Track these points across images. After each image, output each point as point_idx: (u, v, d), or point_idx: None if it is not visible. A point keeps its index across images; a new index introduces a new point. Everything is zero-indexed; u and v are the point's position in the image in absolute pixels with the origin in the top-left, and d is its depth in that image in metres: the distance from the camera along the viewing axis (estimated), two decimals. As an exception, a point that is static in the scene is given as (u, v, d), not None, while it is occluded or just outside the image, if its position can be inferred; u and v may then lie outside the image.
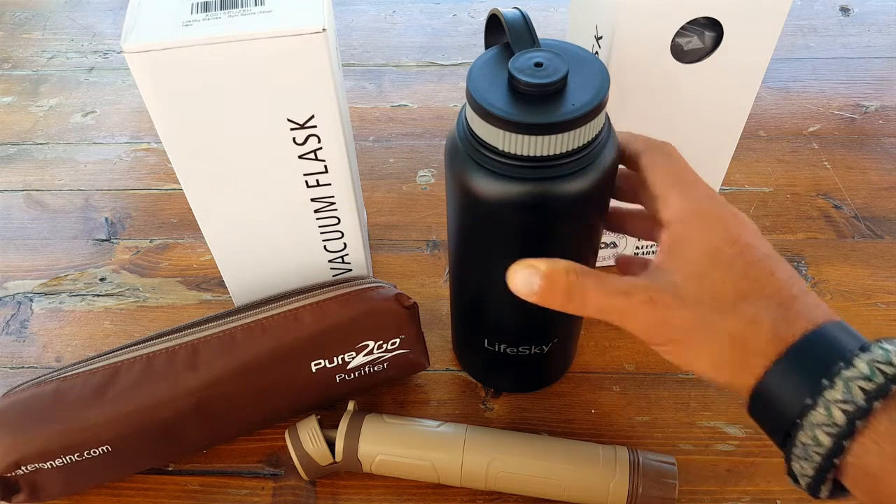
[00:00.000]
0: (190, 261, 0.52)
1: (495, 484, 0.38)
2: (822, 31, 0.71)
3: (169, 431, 0.38)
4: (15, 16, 0.77)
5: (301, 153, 0.36)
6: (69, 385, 0.37)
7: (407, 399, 0.44)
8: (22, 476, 0.36)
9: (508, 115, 0.29)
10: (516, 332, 0.39)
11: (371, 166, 0.59)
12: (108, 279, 0.51)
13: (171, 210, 0.56)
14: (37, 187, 0.58)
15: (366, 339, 0.39)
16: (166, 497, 0.40)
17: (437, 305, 0.49)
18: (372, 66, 0.69)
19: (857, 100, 0.63)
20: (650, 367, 0.45)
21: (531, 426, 0.42)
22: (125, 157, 0.60)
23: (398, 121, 0.63)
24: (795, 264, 0.50)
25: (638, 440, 0.42)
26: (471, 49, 0.70)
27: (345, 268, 0.44)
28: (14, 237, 0.54)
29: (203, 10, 0.32)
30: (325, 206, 0.40)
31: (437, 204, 0.56)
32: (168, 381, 0.37)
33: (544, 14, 0.73)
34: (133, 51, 0.31)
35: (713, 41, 0.37)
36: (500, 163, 0.30)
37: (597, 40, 0.38)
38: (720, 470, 0.40)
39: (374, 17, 0.75)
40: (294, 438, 0.38)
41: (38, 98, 0.66)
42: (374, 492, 0.40)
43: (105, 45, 0.73)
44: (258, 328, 0.38)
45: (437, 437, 0.38)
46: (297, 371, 0.39)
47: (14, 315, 0.49)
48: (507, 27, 0.31)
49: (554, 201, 0.31)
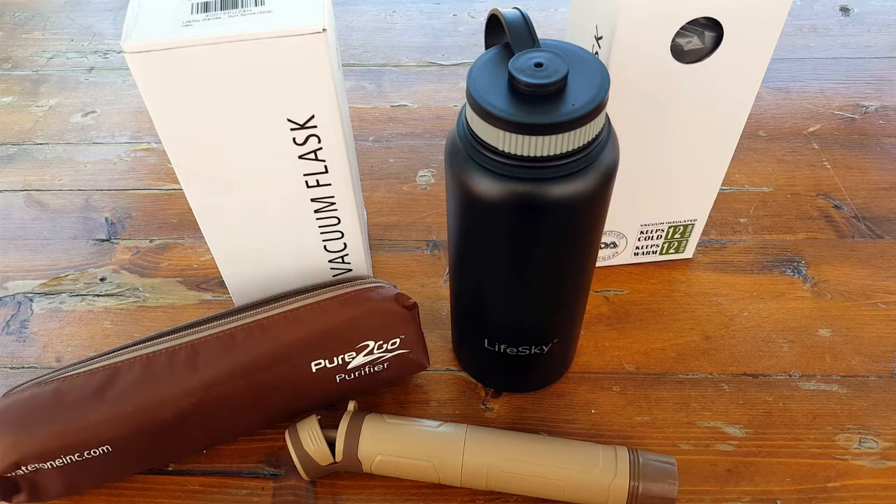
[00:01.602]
0: (190, 261, 0.52)
1: (495, 484, 0.38)
2: (822, 31, 0.71)
3: (169, 431, 0.38)
4: (15, 16, 0.77)
5: (301, 153, 0.36)
6: (69, 385, 0.37)
7: (407, 399, 0.44)
8: (22, 476, 0.36)
9: (508, 115, 0.29)
10: (516, 331, 0.39)
11: (371, 166, 0.59)
12: (108, 279, 0.51)
13: (171, 210, 0.56)
14: (37, 187, 0.58)
15: (366, 339, 0.39)
16: (166, 497, 0.40)
17: (437, 305, 0.49)
18: (372, 66, 0.69)
19: (857, 100, 0.64)
20: (650, 367, 0.45)
21: (531, 426, 0.42)
22: (125, 157, 0.60)
23: (398, 121, 0.63)
24: (795, 264, 0.50)
25: (638, 440, 0.42)
26: (471, 49, 0.70)
27: (345, 268, 0.44)
28: (14, 237, 0.54)
29: (203, 10, 0.32)
30: (325, 206, 0.40)
31: (437, 204, 0.56)
32: (168, 382, 0.37)
33: (544, 14, 0.73)
34: (133, 51, 0.31)
35: (713, 41, 0.37)
36: (500, 163, 0.30)
37: (597, 40, 0.38)
38: (720, 470, 0.40)
39: (374, 17, 0.75)
40: (294, 438, 0.38)
41: (38, 98, 0.66)
42: (374, 492, 0.40)
43: (105, 45, 0.73)
44: (258, 328, 0.38)
45: (437, 437, 0.38)
46: (297, 371, 0.39)
47: (14, 315, 0.49)
48: (507, 27, 0.31)
49: (554, 201, 0.31)
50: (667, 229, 0.48)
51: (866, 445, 0.41)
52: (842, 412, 0.42)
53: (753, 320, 0.47)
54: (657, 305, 0.48)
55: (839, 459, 0.41)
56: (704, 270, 0.50)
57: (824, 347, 0.46)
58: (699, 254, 0.51)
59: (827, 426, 0.42)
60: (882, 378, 0.44)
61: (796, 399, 0.43)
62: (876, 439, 0.41)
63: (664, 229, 0.48)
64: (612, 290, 0.49)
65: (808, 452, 0.41)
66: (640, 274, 0.50)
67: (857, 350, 0.45)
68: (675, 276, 0.50)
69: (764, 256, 0.51)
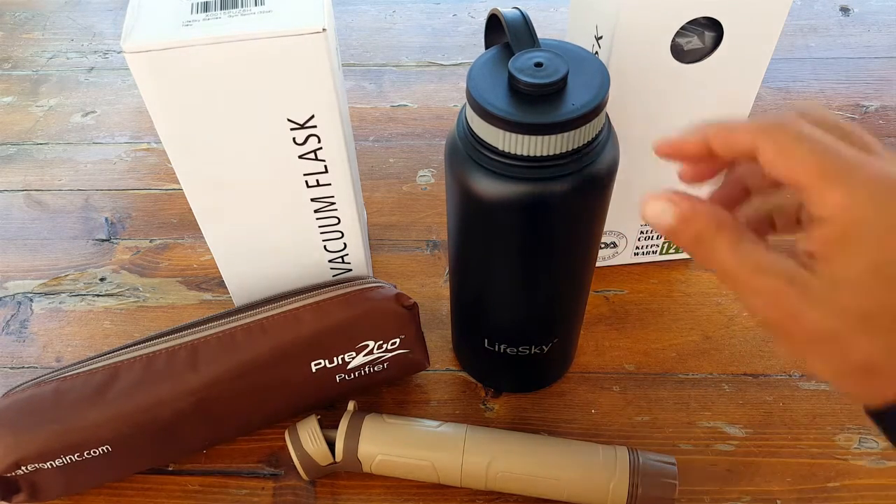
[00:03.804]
0: (190, 261, 0.52)
1: (495, 484, 0.38)
2: (822, 31, 0.71)
3: (169, 431, 0.38)
4: (15, 16, 0.77)
5: (301, 153, 0.36)
6: (69, 385, 0.37)
7: (407, 399, 0.44)
8: (22, 476, 0.36)
9: (508, 115, 0.29)
10: (516, 331, 0.39)
11: (371, 166, 0.59)
12: (108, 279, 0.51)
13: (171, 210, 0.56)
14: (37, 187, 0.58)
15: (366, 339, 0.39)
16: (166, 497, 0.40)
17: (437, 305, 0.49)
18: (372, 66, 0.69)
19: (857, 100, 0.63)
20: (650, 367, 0.45)
21: (531, 426, 0.42)
22: (125, 157, 0.60)
23: (398, 121, 0.63)
24: (795, 264, 0.50)
25: (638, 440, 0.42)
26: (471, 49, 0.70)
27: (345, 268, 0.44)
28: (14, 237, 0.54)
29: (203, 10, 0.32)
30: (325, 206, 0.40)
31: (437, 204, 0.56)
32: (168, 382, 0.37)
33: (544, 14, 0.73)
34: (133, 51, 0.31)
35: (713, 41, 0.37)
36: (500, 163, 0.30)
37: (597, 40, 0.38)
38: (720, 470, 0.40)
39: (374, 17, 0.75)
40: (294, 438, 0.38)
41: (38, 98, 0.66)
42: (374, 492, 0.40)
43: (105, 45, 0.73)
44: (258, 328, 0.38)
45: (437, 437, 0.38)
46: (297, 371, 0.39)
47: (14, 315, 0.49)
48: (507, 27, 0.31)
49: (554, 201, 0.31)
50: (667, 229, 0.48)
51: (866, 445, 0.41)
52: (842, 412, 0.42)
53: (753, 320, 0.47)
54: (657, 305, 0.48)
55: (839, 459, 0.40)
56: (704, 270, 0.50)
57: (824, 347, 0.46)
58: (699, 254, 0.51)
59: (827, 426, 0.42)
60: (882, 378, 0.44)
61: (796, 399, 0.43)
62: (876, 439, 0.41)
63: (664, 229, 0.48)
64: (612, 290, 0.49)
65: (808, 452, 0.41)
66: (639, 274, 0.50)
67: (857, 350, 0.45)
68: (675, 276, 0.50)
69: (764, 256, 0.51)
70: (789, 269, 0.24)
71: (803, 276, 0.24)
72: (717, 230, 0.25)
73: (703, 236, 0.25)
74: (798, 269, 0.24)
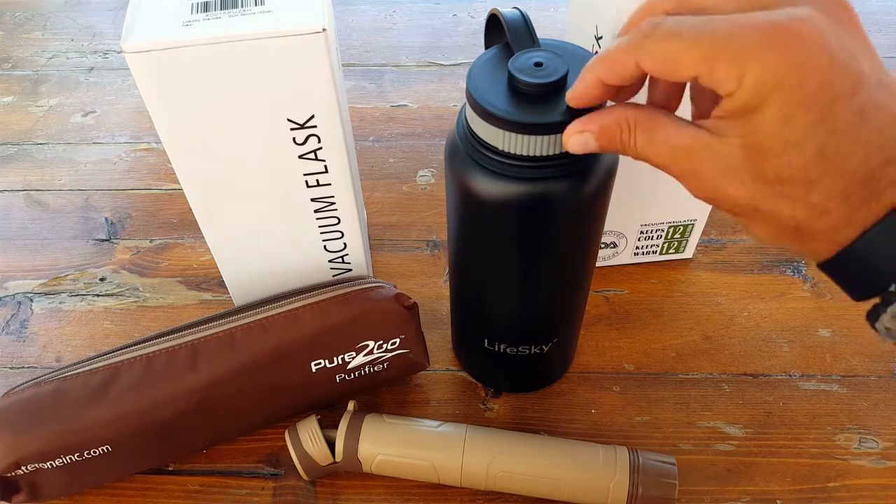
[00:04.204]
0: (190, 261, 0.52)
1: (495, 484, 0.38)
2: (822, 31, 0.71)
3: (169, 432, 0.38)
4: (15, 16, 0.77)
5: (301, 153, 0.36)
6: (69, 385, 0.37)
7: (407, 399, 0.44)
8: (22, 476, 0.36)
9: (508, 114, 0.29)
10: (516, 331, 0.39)
11: (371, 166, 0.59)
12: (108, 279, 0.51)
13: (171, 210, 0.56)
14: (37, 187, 0.58)
15: (366, 339, 0.39)
16: (166, 497, 0.40)
17: (437, 305, 0.49)
18: (372, 66, 0.69)
19: (857, 100, 0.63)
20: (650, 367, 0.45)
21: (531, 426, 0.42)
22: (125, 157, 0.60)
23: (398, 121, 0.63)
24: (796, 264, 0.50)
25: (638, 440, 0.42)
26: (471, 49, 0.70)
27: (345, 268, 0.44)
28: (14, 237, 0.54)
29: (203, 10, 0.32)
30: (325, 206, 0.40)
31: (437, 204, 0.56)
32: (168, 382, 0.37)
33: (544, 14, 0.73)
34: (133, 51, 0.31)
35: (713, 41, 0.37)
36: (500, 163, 0.30)
37: (597, 40, 0.38)
38: (720, 470, 0.40)
39: (374, 17, 0.75)
40: (294, 438, 0.38)
41: (38, 98, 0.66)
42: (374, 492, 0.40)
43: (105, 45, 0.73)
44: (258, 328, 0.38)
45: (437, 437, 0.38)
46: (297, 371, 0.39)
47: (14, 315, 0.49)
48: (507, 27, 0.31)
49: (554, 201, 0.31)
50: (667, 229, 0.48)
51: (866, 445, 0.41)
52: (842, 412, 0.42)
53: (753, 320, 0.47)
54: (657, 305, 0.48)
55: (839, 459, 0.40)
56: (704, 270, 0.50)
57: (824, 347, 0.46)
58: (699, 254, 0.51)
59: (827, 426, 0.42)
60: (882, 378, 0.44)
61: (796, 399, 0.43)
62: (876, 439, 0.41)
63: (664, 229, 0.48)
64: (612, 290, 0.49)
65: (808, 452, 0.41)
66: (640, 274, 0.50)
67: (857, 350, 0.45)
68: (675, 276, 0.50)
69: (764, 256, 0.51)
70: (701, 143, 0.25)
71: (717, 149, 0.24)
72: (630, 131, 0.26)
73: (624, 142, 0.26)
74: (710, 140, 0.24)
